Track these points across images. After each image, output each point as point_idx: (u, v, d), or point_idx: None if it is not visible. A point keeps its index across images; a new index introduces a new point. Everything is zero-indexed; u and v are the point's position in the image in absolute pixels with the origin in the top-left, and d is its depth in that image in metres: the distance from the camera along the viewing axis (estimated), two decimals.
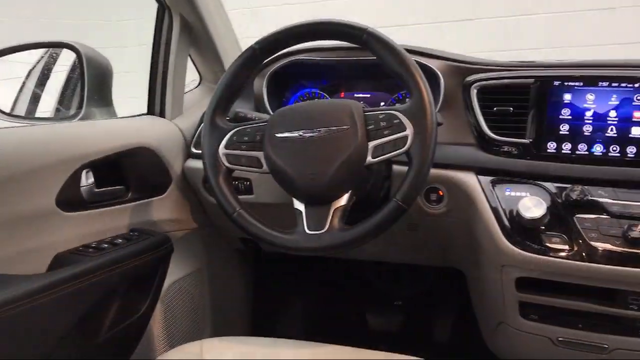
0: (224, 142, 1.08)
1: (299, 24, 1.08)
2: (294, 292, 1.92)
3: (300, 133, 1.03)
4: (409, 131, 0.98)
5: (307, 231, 1.02)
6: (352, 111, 1.02)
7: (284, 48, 1.12)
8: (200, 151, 1.16)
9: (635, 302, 1.06)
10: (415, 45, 1.31)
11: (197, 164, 1.35)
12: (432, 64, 1.26)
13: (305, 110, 1.08)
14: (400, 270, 1.74)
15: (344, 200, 1.03)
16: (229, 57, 1.50)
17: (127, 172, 1.30)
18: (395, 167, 1.19)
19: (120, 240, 1.22)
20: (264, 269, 1.81)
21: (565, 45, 3.43)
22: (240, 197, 1.10)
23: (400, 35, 1.13)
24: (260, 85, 1.39)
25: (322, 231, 1.01)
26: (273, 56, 1.20)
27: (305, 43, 1.16)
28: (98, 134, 1.25)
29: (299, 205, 1.05)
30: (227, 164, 1.07)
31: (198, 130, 1.43)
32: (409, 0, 3.80)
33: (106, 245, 1.18)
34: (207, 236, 1.54)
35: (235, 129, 1.08)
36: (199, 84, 1.63)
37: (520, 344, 1.23)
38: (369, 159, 1.00)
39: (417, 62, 1.02)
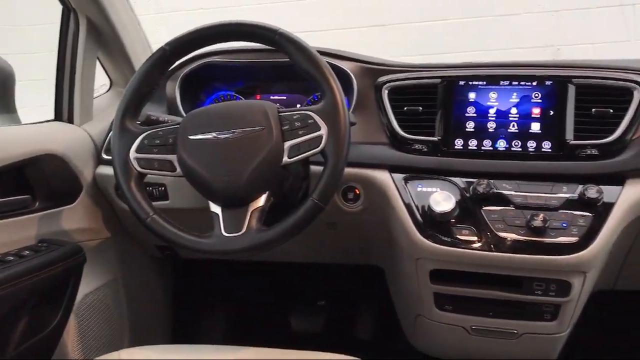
0: (134, 146, 1.05)
1: (210, 24, 1.07)
2: (215, 298, 1.89)
3: (215, 134, 1.02)
4: (323, 131, 0.99)
5: (225, 234, 1.01)
6: (267, 112, 1.02)
7: (196, 49, 1.11)
8: (111, 157, 1.12)
9: (539, 288, 1.12)
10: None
11: (109, 170, 1.30)
12: (345, 65, 1.28)
13: (220, 111, 1.07)
14: (322, 270, 1.76)
15: (261, 201, 1.03)
16: (140, 61, 1.46)
17: (33, 181, 1.24)
18: (313, 168, 1.20)
19: (27, 252, 1.16)
20: (183, 276, 1.77)
21: (476, 50, 3.58)
22: (155, 203, 1.08)
23: (316, 40, 1.14)
24: (173, 88, 1.36)
25: (240, 233, 1.00)
26: (185, 58, 1.18)
27: (219, 45, 1.16)
28: None
29: (216, 208, 1.04)
30: (138, 169, 1.05)
31: (109, 136, 1.38)
32: (325, 6, 3.84)
33: (12, 258, 1.13)
34: (122, 245, 1.50)
35: (147, 133, 1.06)
36: (110, 88, 1.58)
37: (437, 334, 1.27)
38: (285, 159, 1.01)
39: (330, 64, 1.04)
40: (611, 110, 1.12)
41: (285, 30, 1.03)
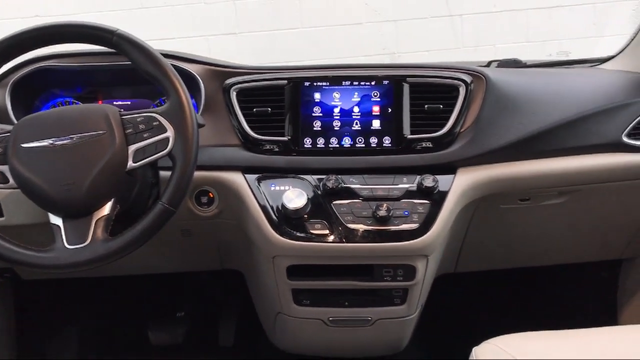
0: None
1: (39, 26, 1.01)
2: (66, 317, 1.76)
3: (51, 141, 0.96)
4: (169, 133, 0.97)
5: (67, 246, 0.95)
6: (108, 115, 0.98)
7: (23, 53, 1.04)
8: None
9: (388, 274, 1.20)
10: None
11: None
12: (191, 68, 1.27)
13: (56, 116, 1.01)
14: (180, 280, 1.71)
15: (106, 209, 0.98)
16: None
17: None
18: (163, 173, 1.17)
19: None
20: (27, 296, 1.63)
21: (325, 58, 3.71)
22: None
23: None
24: (2, 95, 1.25)
25: (84, 244, 0.95)
26: (15, 62, 1.10)
27: (55, 47, 1.09)
28: None
29: (56, 220, 0.97)
30: None
31: None
32: (172, 14, 3.76)
33: None
34: None
35: None
36: None
37: (297, 330, 1.30)
38: (130, 163, 0.97)
39: (175, 67, 1.03)
40: (441, 106, 1.22)
41: (123, 31, 1.00)
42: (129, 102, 1.37)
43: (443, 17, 3.66)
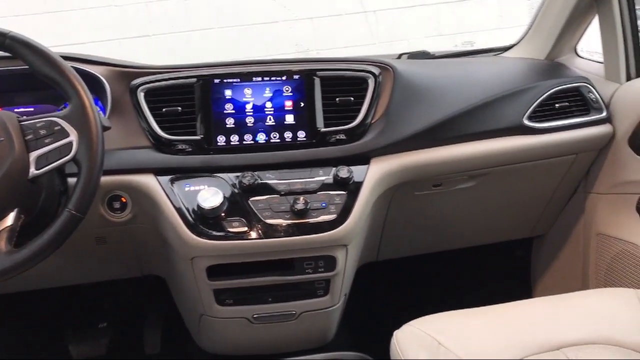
0: None
1: None
2: None
3: None
4: (73, 137, 0.94)
5: None
6: (4, 121, 0.94)
7: None
8: None
9: (309, 266, 1.21)
10: None
11: None
12: (95, 70, 1.22)
13: None
14: (100, 290, 1.65)
15: (9, 220, 0.93)
16: None
17: None
18: (71, 180, 1.12)
19: None
20: None
21: (241, 57, 3.68)
22: None
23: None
24: None
25: None
26: None
27: None
28: None
29: None
30: None
31: None
32: (81, 17, 3.62)
33: None
34: None
35: None
36: None
37: (222, 330, 1.29)
38: (33, 171, 0.93)
39: (77, 69, 0.99)
40: (352, 98, 1.24)
41: (17, 34, 0.96)
42: (32, 109, 1.30)
43: (358, 14, 3.73)
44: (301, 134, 1.22)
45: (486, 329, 1.06)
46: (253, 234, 1.13)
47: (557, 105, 1.39)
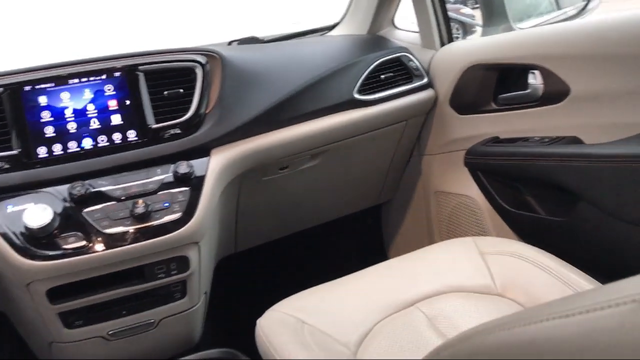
0: None
1: None
2: None
3: None
4: None
5: None
6: None
7: None
8: None
9: (161, 271, 1.15)
10: None
11: None
12: None
13: None
14: None
15: None
16: None
17: None
18: None
19: None
20: None
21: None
22: None
23: None
24: None
25: None
26: None
27: None
28: None
29: None
30: None
31: None
32: None
33: None
34: None
35: None
36: None
37: (77, 354, 1.19)
38: None
39: None
40: (181, 90, 1.20)
41: None
42: None
43: None
44: (131, 134, 1.16)
45: (346, 299, 1.09)
46: (93, 247, 1.05)
47: (382, 76, 1.45)
